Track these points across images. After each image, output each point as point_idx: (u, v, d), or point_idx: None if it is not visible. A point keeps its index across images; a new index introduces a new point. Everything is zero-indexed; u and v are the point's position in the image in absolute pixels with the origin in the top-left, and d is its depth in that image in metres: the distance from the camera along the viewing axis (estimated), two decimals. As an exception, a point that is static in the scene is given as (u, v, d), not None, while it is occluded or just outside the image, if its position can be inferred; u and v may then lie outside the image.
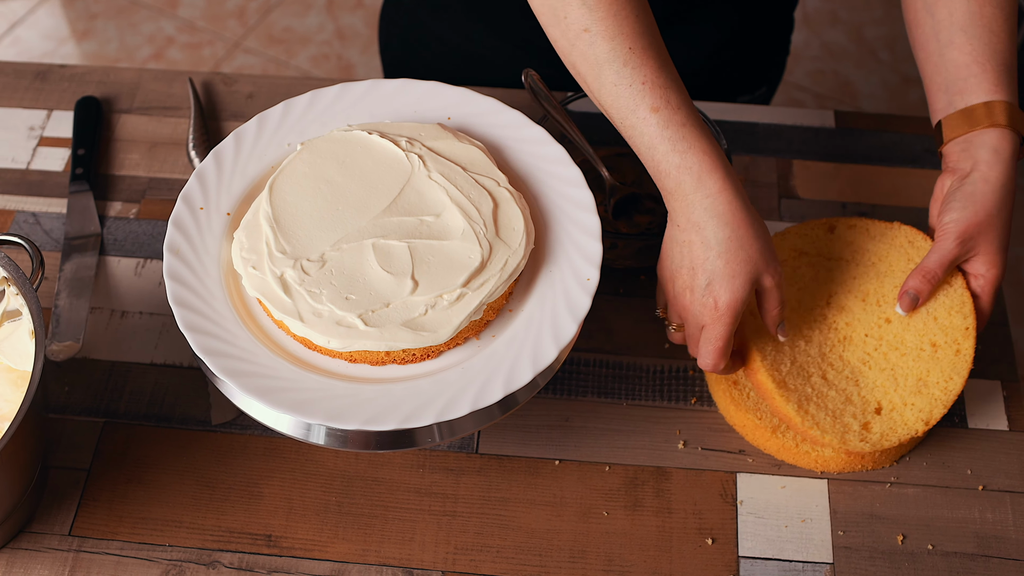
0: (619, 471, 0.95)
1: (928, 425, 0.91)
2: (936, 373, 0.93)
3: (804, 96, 2.40)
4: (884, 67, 2.45)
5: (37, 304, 0.84)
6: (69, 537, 0.92)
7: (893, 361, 0.94)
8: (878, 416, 0.92)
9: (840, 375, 0.93)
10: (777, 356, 0.93)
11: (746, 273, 0.85)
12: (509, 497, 0.94)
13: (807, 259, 0.99)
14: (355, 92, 0.97)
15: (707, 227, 0.84)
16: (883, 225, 1.00)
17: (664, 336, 1.02)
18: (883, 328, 0.95)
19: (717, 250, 0.84)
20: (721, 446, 0.97)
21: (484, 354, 0.85)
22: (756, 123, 1.17)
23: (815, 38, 2.50)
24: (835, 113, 1.18)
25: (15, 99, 1.18)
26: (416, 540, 0.92)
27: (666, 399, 0.99)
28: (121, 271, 1.06)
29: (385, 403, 0.83)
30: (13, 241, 0.89)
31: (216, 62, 2.48)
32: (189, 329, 0.84)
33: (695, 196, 0.84)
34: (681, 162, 0.84)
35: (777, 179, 1.13)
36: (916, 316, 0.95)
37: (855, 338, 0.95)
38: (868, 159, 1.15)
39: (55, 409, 0.98)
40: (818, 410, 0.91)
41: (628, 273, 1.06)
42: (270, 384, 0.82)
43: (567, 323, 0.85)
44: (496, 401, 0.83)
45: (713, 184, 0.83)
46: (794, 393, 0.91)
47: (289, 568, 0.90)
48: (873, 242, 0.99)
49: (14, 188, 1.12)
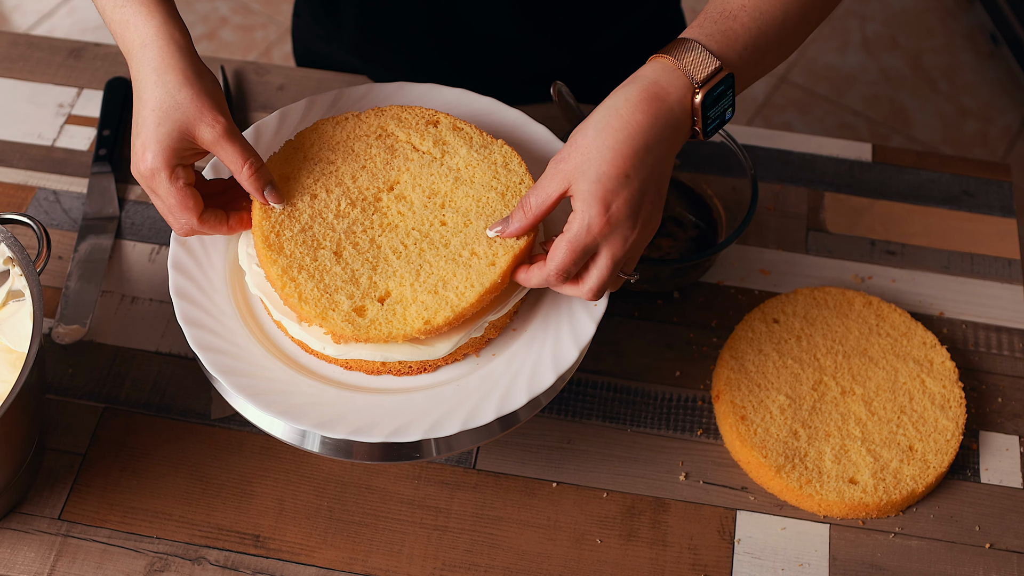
0: (617, 498, 0.93)
1: (427, 324, 0.81)
2: (460, 278, 0.83)
3: (857, 121, 2.36)
4: (941, 97, 2.40)
5: (38, 286, 0.84)
6: (58, 521, 0.91)
7: (427, 258, 0.85)
8: (380, 305, 0.82)
9: (359, 256, 0.84)
10: (287, 220, 0.85)
11: (172, 121, 0.80)
12: (503, 516, 0.92)
13: (386, 143, 0.91)
14: (383, 92, 0.96)
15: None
16: (486, 138, 0.91)
17: (675, 364, 1.00)
18: (434, 229, 0.86)
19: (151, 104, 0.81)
20: (724, 481, 0.94)
21: (481, 373, 0.84)
22: (791, 151, 1.14)
23: (872, 62, 2.46)
24: (873, 147, 1.15)
25: (47, 75, 1.18)
26: (404, 553, 0.90)
27: (672, 428, 0.97)
28: (135, 256, 1.05)
29: (376, 414, 0.81)
30: (22, 221, 0.89)
31: (267, 46, 2.48)
32: (187, 323, 0.83)
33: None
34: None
35: (807, 211, 1.10)
36: (471, 229, 0.86)
37: (400, 228, 0.86)
38: (903, 196, 1.11)
39: (57, 391, 0.97)
40: (308, 280, 0.82)
41: (644, 296, 1.03)
42: (261, 385, 0.81)
43: (568, 349, 0.83)
44: (487, 422, 0.82)
45: (149, 35, 0.82)
46: (287, 258, 0.83)
47: (274, 571, 0.89)
48: (467, 150, 0.90)
49: (38, 164, 1.11)
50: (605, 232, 0.78)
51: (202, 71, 0.83)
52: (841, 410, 0.95)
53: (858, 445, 0.93)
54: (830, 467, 0.92)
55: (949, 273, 1.06)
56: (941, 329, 1.03)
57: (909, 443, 0.94)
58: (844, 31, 2.51)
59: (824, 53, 2.47)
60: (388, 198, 0.86)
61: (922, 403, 0.96)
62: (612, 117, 0.78)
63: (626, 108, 0.78)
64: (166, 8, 0.83)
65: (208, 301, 0.85)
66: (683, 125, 0.80)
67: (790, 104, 2.39)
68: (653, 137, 0.78)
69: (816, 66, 2.45)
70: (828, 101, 2.39)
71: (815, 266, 1.06)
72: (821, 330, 0.99)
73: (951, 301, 1.05)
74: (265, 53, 2.47)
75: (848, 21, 2.53)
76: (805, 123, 2.36)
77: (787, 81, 2.43)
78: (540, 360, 0.83)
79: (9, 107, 1.16)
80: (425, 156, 0.88)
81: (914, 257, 1.07)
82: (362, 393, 0.83)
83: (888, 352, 0.98)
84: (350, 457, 0.85)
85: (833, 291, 1.02)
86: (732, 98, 0.81)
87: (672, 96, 0.79)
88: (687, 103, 0.79)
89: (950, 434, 0.94)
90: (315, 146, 0.88)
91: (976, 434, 0.97)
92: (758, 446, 0.93)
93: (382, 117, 0.90)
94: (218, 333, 0.83)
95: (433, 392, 0.83)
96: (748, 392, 0.95)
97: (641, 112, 0.78)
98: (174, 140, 0.80)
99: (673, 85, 0.79)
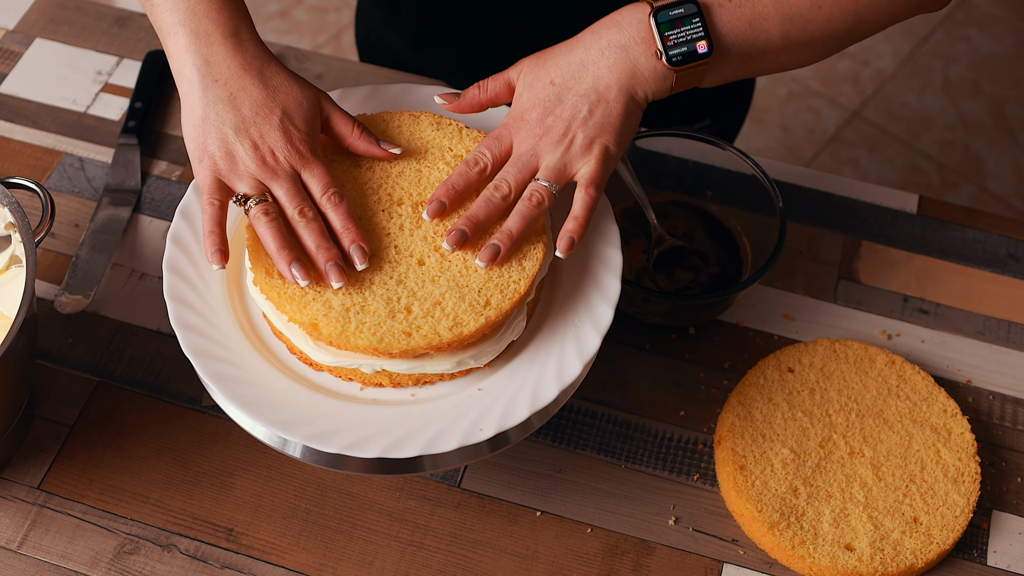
0: (601, 536, 0.90)
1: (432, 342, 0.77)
2: (492, 289, 0.80)
3: (927, 165, 2.29)
4: (1019, 148, 2.32)
5: (34, 254, 0.83)
6: (37, 491, 0.90)
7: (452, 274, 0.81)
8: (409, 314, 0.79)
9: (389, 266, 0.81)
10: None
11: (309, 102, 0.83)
12: (481, 540, 0.89)
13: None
14: (423, 91, 0.94)
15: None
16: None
17: (681, 403, 0.96)
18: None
19: None
20: (714, 531, 0.90)
21: (482, 386, 0.81)
22: (832, 193, 1.10)
23: (951, 106, 2.38)
24: (919, 198, 1.10)
25: (91, 41, 1.18)
26: (375, 565, 0.88)
27: (668, 469, 0.93)
28: (151, 232, 1.04)
29: (372, 429, 0.79)
30: (29, 187, 0.88)
31: (339, 29, 2.47)
32: (182, 327, 0.81)
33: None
34: None
35: (841, 258, 1.06)
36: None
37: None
38: (944, 253, 1.06)
39: (55, 359, 0.97)
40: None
41: (657, 329, 1.00)
42: (256, 394, 0.79)
43: (572, 364, 0.81)
44: (487, 438, 0.79)
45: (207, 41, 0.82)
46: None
47: (242, 567, 0.87)
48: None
49: (68, 130, 1.11)
50: (516, 127, 0.83)
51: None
52: (847, 471, 0.91)
53: (860, 510, 0.89)
54: (827, 530, 0.88)
55: (983, 339, 1.01)
56: (966, 398, 0.98)
57: (914, 514, 0.89)
58: (926, 71, 2.44)
59: (902, 92, 2.40)
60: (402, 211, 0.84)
61: (934, 474, 0.91)
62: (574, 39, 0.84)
63: (585, 32, 0.84)
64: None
65: (203, 303, 0.83)
66: (633, 48, 0.81)
67: (861, 141, 2.33)
68: (591, 55, 0.82)
69: (892, 104, 2.38)
70: (900, 142, 2.33)
71: (841, 317, 1.02)
72: (837, 385, 0.95)
73: (981, 369, 1.00)
74: (335, 37, 2.47)
75: (932, 61, 2.45)
76: (873, 162, 2.29)
77: (860, 117, 2.36)
78: (543, 374, 0.80)
79: (48, 69, 1.15)
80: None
81: (948, 318, 1.02)
82: (358, 404, 0.80)
83: (905, 416, 0.94)
84: (331, 466, 0.83)
85: (855, 345, 0.97)
86: (702, 28, 0.81)
87: (624, 16, 0.82)
88: (644, 23, 0.81)
89: (959, 510, 0.89)
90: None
91: (988, 513, 0.92)
92: (754, 499, 0.89)
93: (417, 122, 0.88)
94: (212, 338, 0.81)
95: (431, 405, 0.81)
96: (751, 441, 0.92)
97: (590, 32, 0.83)
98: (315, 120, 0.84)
99: (631, 9, 0.83)
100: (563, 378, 0.81)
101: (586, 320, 0.83)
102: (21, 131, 1.11)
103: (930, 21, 2.52)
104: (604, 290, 0.84)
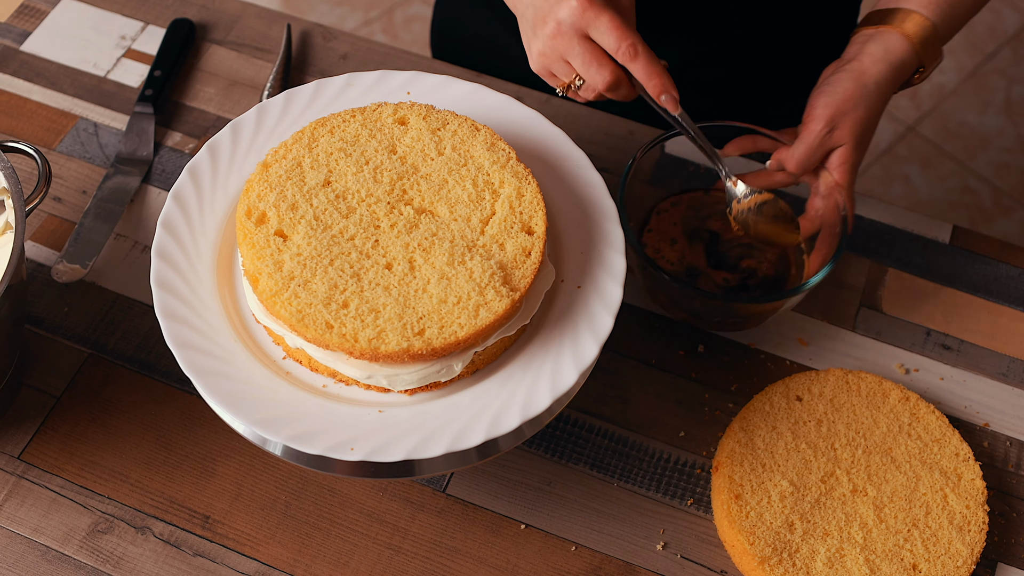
0: (585, 555, 0.87)
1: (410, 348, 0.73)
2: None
3: (980, 187, 2.22)
4: (1077, 177, 2.25)
5: (23, 220, 0.81)
6: (17, 460, 0.89)
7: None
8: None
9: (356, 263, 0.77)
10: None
11: None
12: (461, 549, 0.87)
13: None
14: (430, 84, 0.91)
15: None
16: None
17: (682, 423, 0.93)
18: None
19: None
20: (703, 560, 0.87)
21: (473, 391, 0.78)
22: (861, 216, 1.05)
23: (1011, 127, 2.31)
24: (953, 228, 1.05)
25: (117, 4, 1.16)
26: (351, 566, 0.86)
27: (661, 492, 0.90)
28: (158, 204, 1.02)
29: (357, 431, 0.76)
30: (26, 151, 0.86)
31: (392, 5, 2.45)
32: (166, 316, 0.78)
33: None
34: None
35: (865, 284, 1.01)
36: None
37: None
38: (974, 288, 1.02)
39: (49, 327, 0.95)
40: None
41: (666, 342, 0.96)
42: (238, 390, 0.76)
43: (569, 373, 0.77)
44: (476, 445, 0.76)
45: None
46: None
47: (215, 556, 0.85)
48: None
49: (86, 94, 1.09)
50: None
51: None
52: (847, 510, 0.87)
53: (856, 551, 0.85)
54: (820, 569, 0.84)
55: (1006, 381, 0.96)
56: (982, 442, 0.93)
57: (914, 561, 0.85)
58: (988, 90, 2.36)
59: (960, 110, 2.33)
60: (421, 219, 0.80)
61: (939, 520, 0.87)
62: None
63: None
64: None
65: (191, 293, 0.80)
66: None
67: (914, 156, 2.26)
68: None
69: (950, 122, 2.31)
70: (955, 160, 2.26)
71: (859, 346, 0.98)
72: (846, 418, 0.91)
73: (1000, 413, 0.95)
74: (387, 12, 2.44)
75: (994, 80, 2.38)
76: (925, 179, 2.23)
77: (915, 132, 2.29)
78: (537, 381, 0.77)
79: (72, 31, 1.14)
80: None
81: (971, 356, 0.98)
82: (345, 404, 0.78)
83: (914, 457, 0.90)
84: (312, 467, 0.80)
85: (869, 378, 0.93)
86: None
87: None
88: None
89: (962, 560, 0.85)
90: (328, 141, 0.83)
91: (994, 565, 0.88)
92: (747, 530, 0.85)
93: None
94: (198, 328, 0.78)
95: (419, 408, 0.78)
96: (750, 470, 0.88)
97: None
98: None
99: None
100: (557, 387, 0.78)
101: (585, 328, 0.80)
102: (39, 91, 1.09)
103: (997, 38, 2.44)
104: (605, 297, 0.81)
